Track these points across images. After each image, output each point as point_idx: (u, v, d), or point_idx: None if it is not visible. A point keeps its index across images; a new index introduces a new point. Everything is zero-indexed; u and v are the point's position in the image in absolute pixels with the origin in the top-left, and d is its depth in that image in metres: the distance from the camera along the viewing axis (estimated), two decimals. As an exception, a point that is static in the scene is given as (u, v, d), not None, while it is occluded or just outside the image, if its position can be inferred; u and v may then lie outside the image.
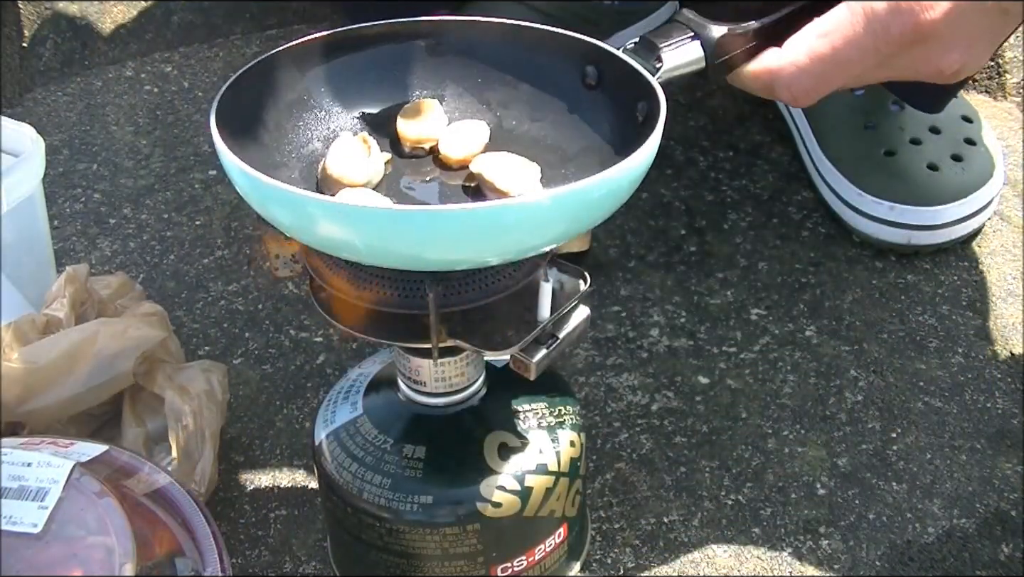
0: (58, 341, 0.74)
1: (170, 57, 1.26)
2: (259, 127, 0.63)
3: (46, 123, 1.15)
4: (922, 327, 0.90)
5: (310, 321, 0.92)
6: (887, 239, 0.95)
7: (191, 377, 0.76)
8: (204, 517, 0.61)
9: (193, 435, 0.74)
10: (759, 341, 0.89)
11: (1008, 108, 1.12)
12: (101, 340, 0.74)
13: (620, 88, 0.64)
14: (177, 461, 0.73)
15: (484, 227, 0.53)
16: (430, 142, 0.65)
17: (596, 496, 0.78)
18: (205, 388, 0.76)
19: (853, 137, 0.97)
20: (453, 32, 0.68)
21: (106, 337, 0.75)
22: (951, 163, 0.95)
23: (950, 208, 0.94)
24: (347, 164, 0.62)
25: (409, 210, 0.53)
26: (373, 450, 0.66)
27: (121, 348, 0.75)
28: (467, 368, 0.66)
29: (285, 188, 0.54)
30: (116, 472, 0.62)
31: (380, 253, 0.56)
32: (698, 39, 0.65)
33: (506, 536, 0.66)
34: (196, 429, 0.74)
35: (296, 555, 0.75)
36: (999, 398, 0.84)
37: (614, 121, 0.64)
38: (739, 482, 0.79)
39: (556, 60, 0.66)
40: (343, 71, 0.67)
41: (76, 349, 0.74)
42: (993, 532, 0.75)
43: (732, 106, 1.12)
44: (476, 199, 0.62)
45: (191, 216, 1.03)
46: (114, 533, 0.56)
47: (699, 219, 1.00)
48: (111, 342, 0.75)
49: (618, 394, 0.85)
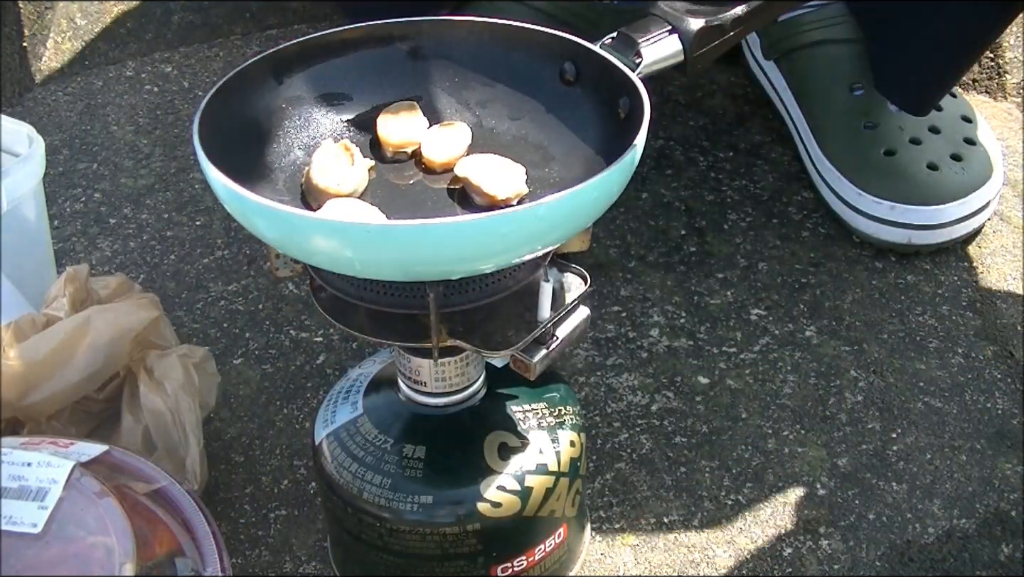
0: (54, 333, 0.74)
1: (170, 57, 1.26)
2: (242, 139, 0.63)
3: (46, 123, 1.15)
4: (922, 327, 0.90)
5: (310, 321, 0.92)
6: (887, 239, 0.95)
7: (168, 368, 0.76)
8: (204, 517, 0.61)
9: (172, 430, 0.73)
10: (759, 341, 0.89)
11: (1008, 108, 1.12)
12: (94, 326, 0.74)
13: (600, 84, 0.64)
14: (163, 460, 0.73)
15: (479, 238, 0.53)
16: (412, 146, 0.65)
17: (596, 496, 0.78)
18: (181, 379, 0.75)
19: (853, 137, 0.97)
20: (429, 33, 0.67)
21: (99, 323, 0.75)
22: (951, 163, 0.95)
23: (950, 208, 0.94)
24: (331, 174, 0.62)
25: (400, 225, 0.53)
26: (373, 450, 0.66)
27: (115, 333, 0.75)
28: (467, 368, 0.66)
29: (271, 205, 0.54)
30: (116, 472, 0.62)
31: (372, 267, 0.56)
32: (676, 32, 0.65)
33: (506, 536, 0.66)
34: (175, 424, 0.74)
35: (296, 555, 0.75)
36: (999, 398, 0.84)
37: (595, 118, 0.64)
38: (739, 482, 0.79)
39: (534, 58, 0.66)
40: (321, 77, 0.66)
41: (70, 338, 0.74)
42: (993, 532, 0.75)
43: (732, 106, 1.12)
44: (462, 202, 0.62)
45: (191, 216, 1.03)
46: (114, 533, 0.56)
47: (699, 219, 1.00)
48: (105, 327, 0.75)
49: (618, 394, 0.85)
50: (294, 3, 1.30)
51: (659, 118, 1.10)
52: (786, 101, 1.06)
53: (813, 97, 1.02)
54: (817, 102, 1.01)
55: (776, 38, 1.05)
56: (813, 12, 1.02)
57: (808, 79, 1.02)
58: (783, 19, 1.03)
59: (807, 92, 1.02)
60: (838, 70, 1.00)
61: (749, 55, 1.12)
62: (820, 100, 1.01)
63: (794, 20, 1.03)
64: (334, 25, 0.67)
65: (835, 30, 1.01)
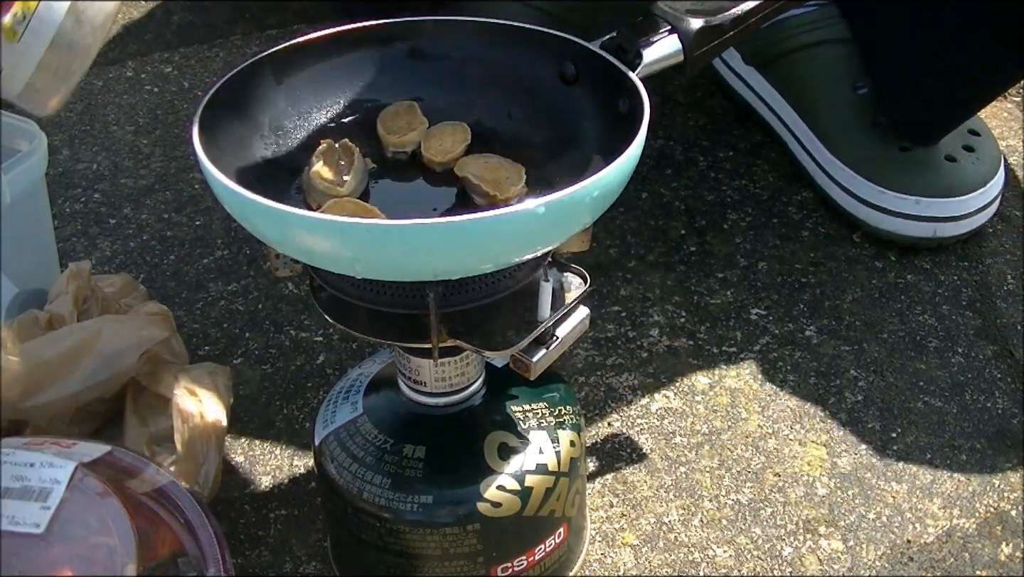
0: (61, 337, 0.74)
1: (170, 57, 1.26)
2: (241, 139, 0.63)
3: (46, 123, 1.15)
4: (922, 327, 0.90)
5: (310, 321, 0.92)
6: (913, 234, 0.95)
7: (198, 378, 0.76)
8: (206, 517, 0.61)
9: (199, 437, 0.74)
10: (759, 341, 0.89)
11: (1008, 108, 1.12)
12: (104, 337, 0.74)
13: (599, 84, 0.64)
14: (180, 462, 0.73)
15: (480, 237, 0.53)
16: (412, 146, 0.65)
17: (596, 496, 0.78)
18: (211, 391, 0.76)
19: (863, 136, 0.97)
20: (429, 33, 0.68)
21: (109, 334, 0.75)
22: (965, 153, 0.96)
23: (973, 197, 0.94)
24: (331, 174, 0.62)
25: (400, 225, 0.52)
26: (373, 450, 0.66)
27: (124, 345, 0.75)
28: (467, 368, 0.66)
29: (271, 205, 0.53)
30: (119, 472, 0.62)
31: (372, 267, 0.56)
32: (675, 32, 0.65)
33: (506, 536, 0.66)
34: (203, 431, 0.74)
35: (296, 555, 0.75)
36: (999, 398, 0.84)
37: (595, 117, 0.64)
38: (739, 482, 0.79)
39: (534, 58, 0.66)
40: (320, 77, 0.67)
41: (79, 346, 0.74)
42: (993, 532, 0.75)
43: (732, 106, 1.12)
44: (462, 202, 0.62)
45: (191, 216, 1.03)
46: (117, 534, 0.56)
47: (699, 219, 1.00)
48: (114, 339, 0.75)
49: (618, 394, 0.85)
50: (294, 3, 1.30)
51: (659, 118, 1.10)
52: (775, 107, 1.05)
53: (813, 100, 1.01)
54: (818, 105, 1.01)
55: (761, 44, 1.04)
56: (803, 15, 1.02)
57: (805, 82, 1.02)
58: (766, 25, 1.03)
59: (805, 96, 1.02)
60: (838, 71, 1.00)
61: (721, 65, 1.11)
62: (822, 102, 1.00)
63: (780, 24, 1.02)
64: (334, 25, 0.67)
65: (831, 31, 1.01)
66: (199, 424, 0.74)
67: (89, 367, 0.74)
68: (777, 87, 1.04)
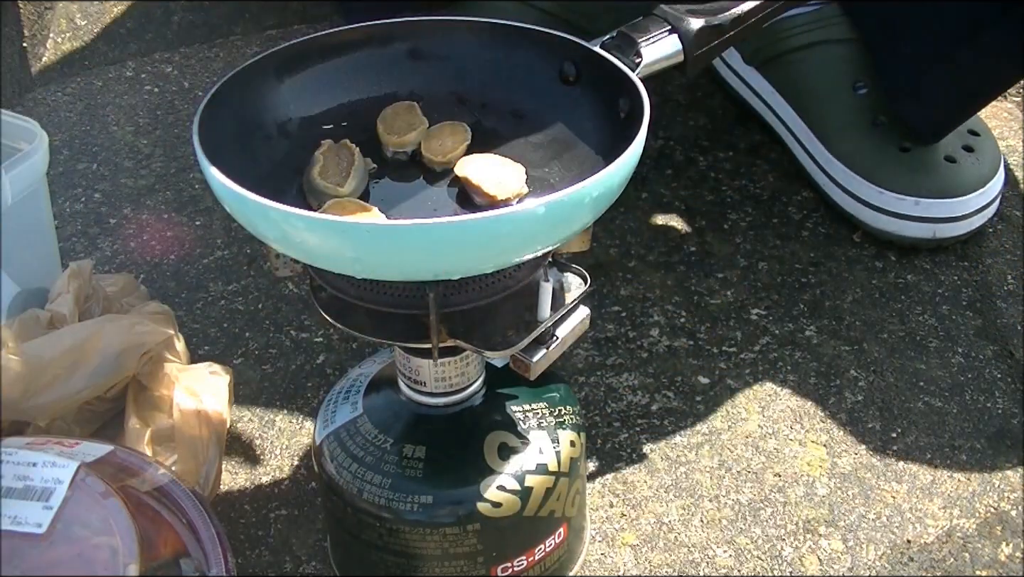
0: (63, 337, 0.74)
1: (170, 57, 1.26)
2: (242, 139, 0.63)
3: (46, 123, 1.15)
4: (922, 327, 0.90)
5: (310, 321, 0.92)
6: (912, 235, 0.95)
7: (198, 378, 0.76)
8: (208, 518, 0.61)
9: (200, 437, 0.74)
10: (759, 341, 0.89)
11: (1008, 108, 1.12)
12: (106, 337, 0.74)
13: (599, 84, 0.64)
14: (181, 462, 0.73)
15: (480, 237, 0.53)
16: (412, 146, 0.66)
17: (596, 496, 0.78)
18: (213, 391, 0.76)
19: (863, 136, 0.97)
20: (429, 33, 0.68)
21: (111, 334, 0.75)
22: (965, 154, 0.96)
23: (973, 198, 0.94)
24: (331, 174, 0.62)
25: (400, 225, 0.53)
26: (373, 450, 0.66)
27: (125, 345, 0.75)
28: (467, 368, 0.66)
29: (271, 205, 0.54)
30: (121, 472, 0.62)
31: (372, 267, 0.56)
32: (676, 32, 0.65)
33: (506, 536, 0.66)
34: (204, 431, 0.74)
35: (296, 555, 0.75)
36: (999, 398, 0.84)
37: (595, 117, 0.64)
38: (739, 482, 0.79)
39: (534, 58, 0.66)
40: (321, 77, 0.67)
41: (81, 345, 0.74)
42: (993, 532, 0.75)
43: (732, 106, 1.12)
44: (462, 202, 0.62)
45: (191, 216, 1.03)
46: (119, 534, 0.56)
47: (699, 219, 1.00)
48: (115, 339, 0.75)
49: (618, 394, 0.85)
50: (294, 3, 1.30)
51: (659, 118, 1.10)
52: (775, 106, 1.05)
53: (812, 100, 1.01)
54: (818, 104, 1.01)
55: (761, 44, 1.04)
56: (803, 15, 1.02)
57: (804, 82, 1.02)
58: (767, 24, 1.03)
59: (804, 95, 1.02)
60: (838, 71, 1.00)
61: (721, 65, 1.11)
62: (821, 102, 1.00)
63: (781, 24, 1.02)
64: (334, 25, 0.67)
65: (831, 31, 1.01)
66: (200, 424, 0.74)
67: (90, 367, 0.74)
68: (777, 87, 1.04)
